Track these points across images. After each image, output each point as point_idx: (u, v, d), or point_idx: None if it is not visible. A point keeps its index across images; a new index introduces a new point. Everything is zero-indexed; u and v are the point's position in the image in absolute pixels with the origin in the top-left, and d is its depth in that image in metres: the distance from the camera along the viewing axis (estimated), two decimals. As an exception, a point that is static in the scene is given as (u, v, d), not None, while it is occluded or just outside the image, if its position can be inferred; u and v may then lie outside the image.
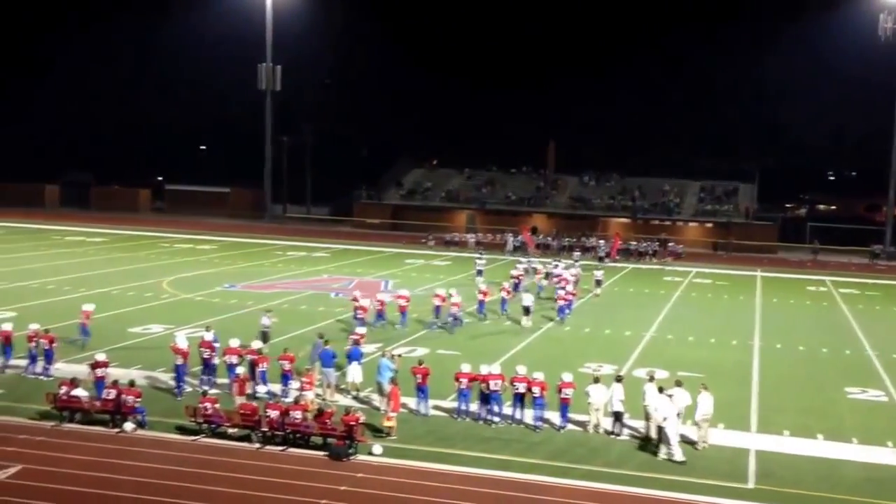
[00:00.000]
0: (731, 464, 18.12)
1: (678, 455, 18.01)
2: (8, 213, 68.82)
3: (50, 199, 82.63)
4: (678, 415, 18.68)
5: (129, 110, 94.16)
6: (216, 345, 22.11)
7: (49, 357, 22.47)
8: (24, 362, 22.78)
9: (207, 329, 23.09)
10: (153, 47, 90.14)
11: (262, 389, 20.76)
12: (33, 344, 22.55)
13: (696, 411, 18.94)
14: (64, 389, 19.16)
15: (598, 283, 40.93)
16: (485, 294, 33.22)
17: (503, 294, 33.84)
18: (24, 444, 17.56)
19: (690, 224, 69.14)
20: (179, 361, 21.29)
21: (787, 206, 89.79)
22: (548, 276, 40.49)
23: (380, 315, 30.20)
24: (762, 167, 74.66)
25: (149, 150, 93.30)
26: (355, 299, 29.13)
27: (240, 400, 19.56)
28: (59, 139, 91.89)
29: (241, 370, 20.69)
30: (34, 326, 23.06)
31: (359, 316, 28.56)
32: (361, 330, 25.15)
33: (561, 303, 32.87)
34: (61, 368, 22.61)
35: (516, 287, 36.46)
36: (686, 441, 18.93)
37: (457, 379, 20.47)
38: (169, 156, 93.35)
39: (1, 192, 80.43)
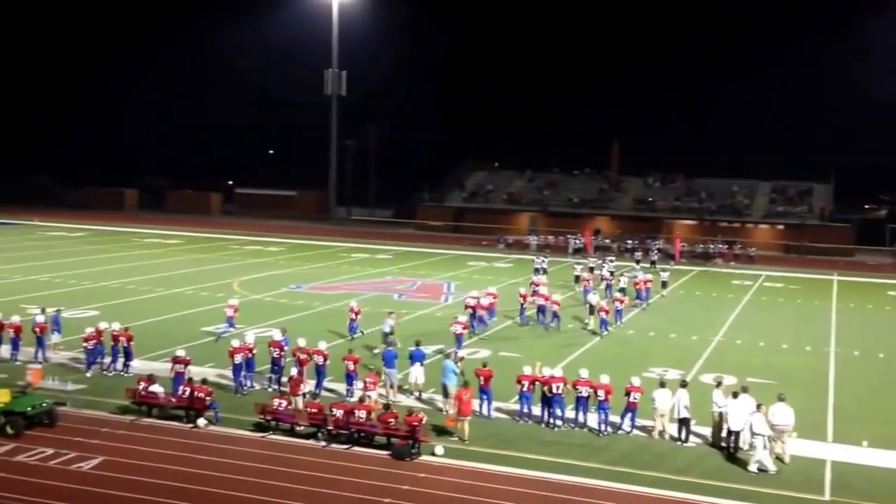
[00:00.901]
0: (806, 474, 17.67)
1: (753, 466, 17.65)
2: (92, 216, 71.95)
3: (129, 202, 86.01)
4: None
5: (201, 117, 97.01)
6: (286, 346, 22.58)
7: (128, 354, 23.32)
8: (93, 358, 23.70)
9: (284, 332, 23.45)
10: (223, 56, 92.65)
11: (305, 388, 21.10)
12: (117, 342, 23.40)
13: (774, 422, 18.39)
14: (142, 385, 19.94)
15: (664, 284, 40.66)
16: (524, 297, 32.43)
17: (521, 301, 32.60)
18: (106, 437, 18.32)
19: (761, 226, 67.67)
20: (237, 360, 21.79)
21: (866, 206, 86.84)
22: (603, 278, 39.96)
23: (480, 319, 30.14)
24: (839, 166, 72.47)
25: (220, 154, 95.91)
26: (352, 309, 28.61)
27: (295, 400, 19.86)
28: (137, 146, 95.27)
29: (294, 371, 21.18)
30: (116, 325, 23.91)
31: (477, 314, 29.58)
32: (463, 318, 26.46)
33: (603, 315, 30.32)
34: (137, 366, 23.41)
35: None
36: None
37: (519, 381, 20.55)
38: (238, 160, 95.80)
39: (85, 197, 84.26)
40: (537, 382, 20.37)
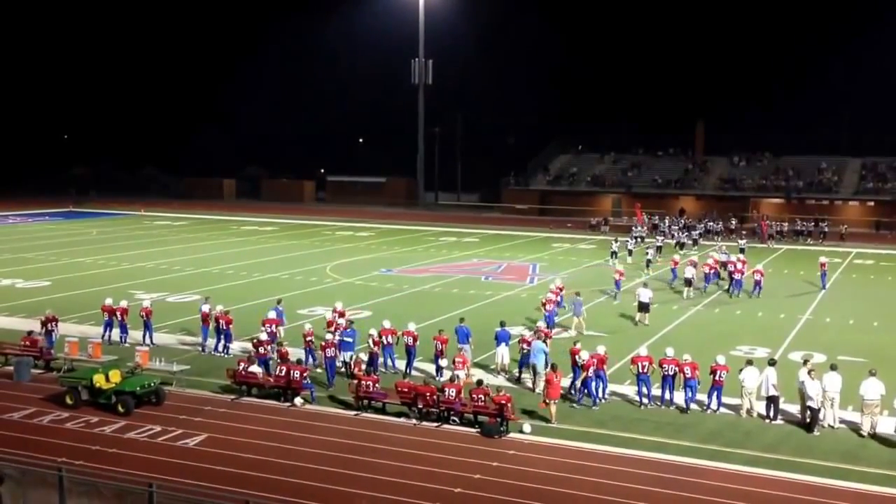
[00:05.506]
0: (893, 453, 17.42)
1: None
2: (193, 205, 75.38)
3: (228, 191, 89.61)
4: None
5: (295, 108, 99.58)
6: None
7: (228, 337, 24.41)
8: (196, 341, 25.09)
9: (350, 322, 23.89)
10: (314, 48, 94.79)
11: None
12: (217, 324, 24.45)
13: (864, 396, 18.37)
14: (242, 366, 20.99)
15: (742, 250, 41.36)
16: (621, 274, 33.36)
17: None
18: (209, 415, 19.33)
19: (850, 203, 65.90)
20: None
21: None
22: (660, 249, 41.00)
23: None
24: None
25: (312, 144, 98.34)
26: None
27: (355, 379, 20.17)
28: (235, 137, 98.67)
29: (364, 355, 21.77)
30: (219, 308, 25.00)
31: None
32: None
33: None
34: (236, 347, 24.54)
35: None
36: (850, 427, 18.61)
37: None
38: (330, 149, 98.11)
39: (188, 187, 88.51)
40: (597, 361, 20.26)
